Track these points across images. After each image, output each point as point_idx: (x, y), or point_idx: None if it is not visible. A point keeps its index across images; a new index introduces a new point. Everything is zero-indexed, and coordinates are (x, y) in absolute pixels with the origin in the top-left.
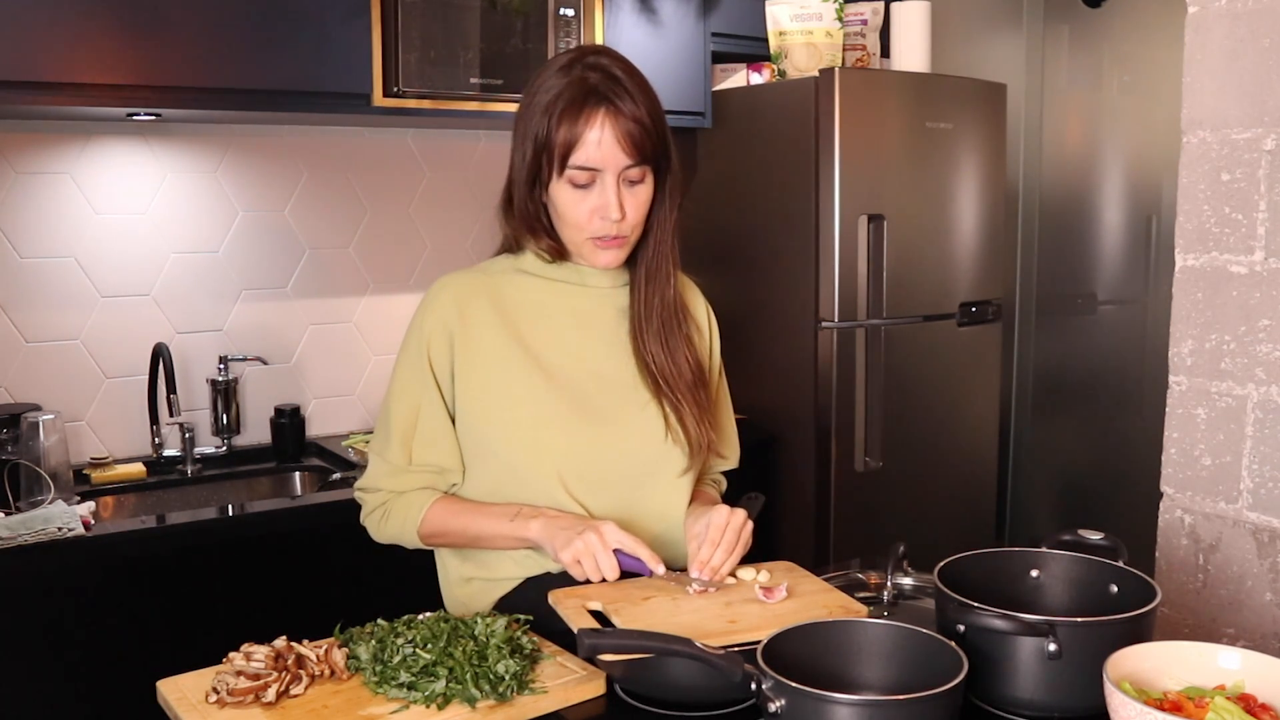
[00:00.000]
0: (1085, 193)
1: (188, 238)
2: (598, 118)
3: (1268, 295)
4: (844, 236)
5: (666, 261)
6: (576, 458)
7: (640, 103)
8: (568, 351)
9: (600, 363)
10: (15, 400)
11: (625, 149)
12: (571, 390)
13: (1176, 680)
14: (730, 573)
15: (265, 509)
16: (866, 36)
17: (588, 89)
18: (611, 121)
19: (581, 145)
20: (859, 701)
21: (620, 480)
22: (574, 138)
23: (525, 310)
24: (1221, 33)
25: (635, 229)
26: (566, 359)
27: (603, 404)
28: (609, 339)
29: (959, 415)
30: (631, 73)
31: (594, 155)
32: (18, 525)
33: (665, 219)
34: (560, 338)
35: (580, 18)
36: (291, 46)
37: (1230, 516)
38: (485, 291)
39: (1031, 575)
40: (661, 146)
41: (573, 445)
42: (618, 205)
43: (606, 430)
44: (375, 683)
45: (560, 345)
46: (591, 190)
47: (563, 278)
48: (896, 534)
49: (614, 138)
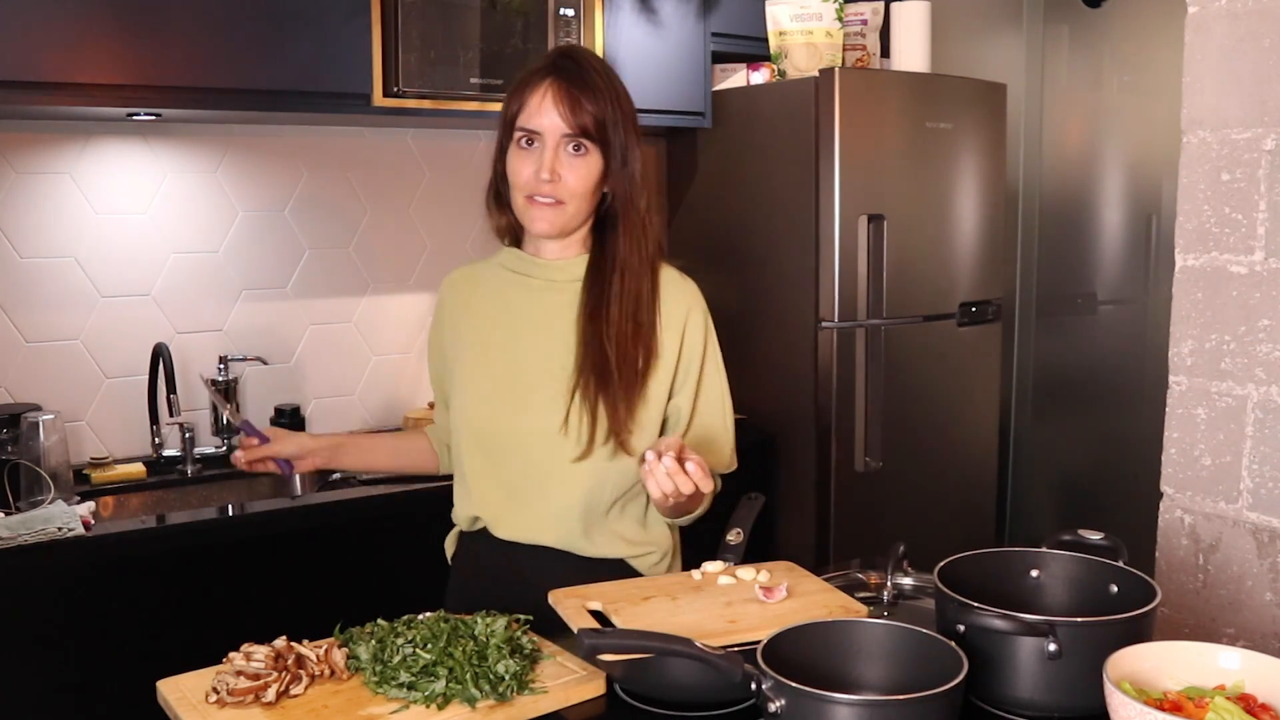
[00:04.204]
0: (1085, 193)
1: (188, 238)
2: (543, 86)
3: (1268, 295)
4: (844, 236)
5: (635, 255)
6: (488, 435)
7: (591, 84)
8: (510, 338)
9: (534, 351)
10: (15, 400)
11: (563, 116)
12: (501, 375)
13: (1176, 680)
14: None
15: (265, 509)
16: (866, 36)
17: (543, 66)
18: (554, 91)
19: (525, 110)
20: (859, 701)
21: (520, 460)
22: (521, 103)
23: (491, 299)
24: (1221, 33)
25: (573, 199)
26: (507, 344)
27: (521, 389)
28: (550, 329)
29: (959, 415)
30: (594, 64)
31: (535, 119)
32: (18, 525)
33: (631, 214)
34: (508, 325)
35: (580, 18)
36: (291, 46)
37: (1230, 516)
38: (470, 283)
39: (1031, 575)
40: (613, 134)
41: (487, 424)
42: (550, 166)
43: (513, 413)
44: (375, 683)
45: (505, 332)
46: (534, 152)
47: (523, 271)
48: (896, 534)
49: (554, 104)
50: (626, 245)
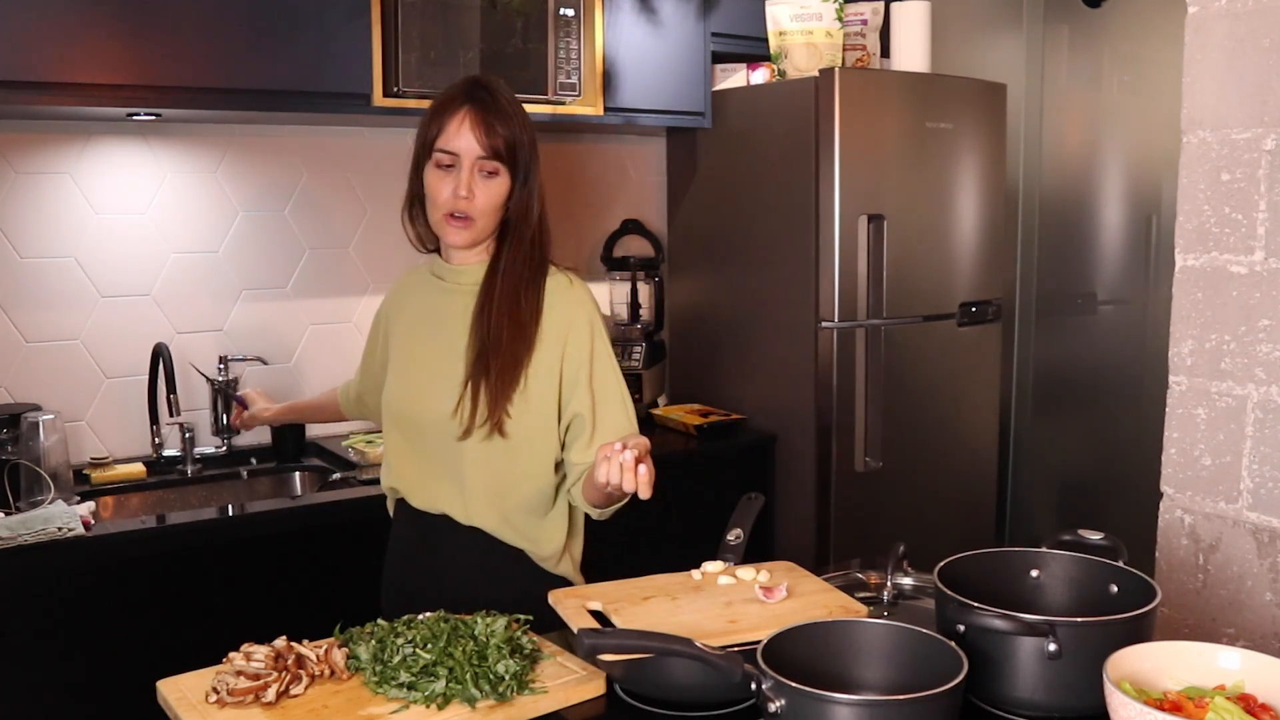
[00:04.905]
0: (1085, 193)
1: (188, 238)
2: (460, 112)
3: (1268, 295)
4: (844, 236)
5: (521, 266)
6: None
7: (503, 111)
8: (420, 334)
9: (436, 345)
10: (15, 400)
11: (480, 141)
12: (414, 364)
13: (1176, 680)
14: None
15: (265, 509)
16: (866, 36)
17: (457, 92)
18: (472, 118)
19: (444, 134)
20: (859, 701)
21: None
22: (440, 127)
23: (412, 300)
24: (1221, 33)
25: (484, 215)
26: (417, 341)
27: (427, 377)
28: (452, 327)
29: (959, 415)
30: (505, 92)
31: (454, 142)
32: (18, 525)
33: (524, 228)
34: (424, 322)
35: (580, 18)
36: (291, 46)
37: (1230, 516)
38: (413, 284)
39: (1031, 575)
40: (520, 156)
41: (402, 406)
42: (467, 185)
43: (421, 398)
44: (375, 683)
45: (417, 329)
46: (451, 173)
47: (441, 275)
48: (896, 534)
49: (470, 129)
50: (514, 253)
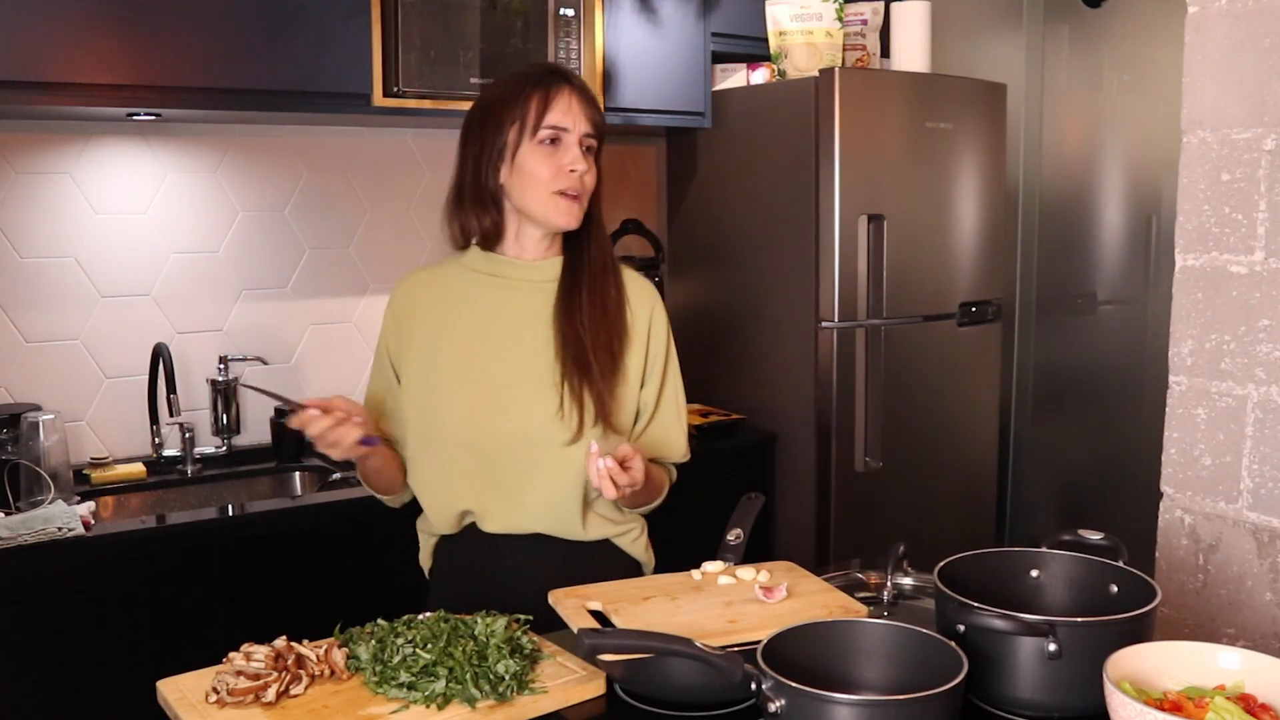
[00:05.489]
0: (1085, 193)
1: (188, 238)
2: (565, 89)
3: (1268, 295)
4: (844, 236)
5: (605, 255)
6: (477, 435)
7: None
8: (490, 339)
9: (517, 349)
10: (15, 400)
11: (589, 117)
12: (483, 373)
13: (1176, 680)
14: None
15: (265, 509)
16: (866, 36)
17: (550, 71)
18: (575, 94)
19: (553, 108)
20: (859, 701)
21: (511, 455)
22: (547, 103)
23: (463, 303)
24: (1221, 33)
25: (586, 195)
26: (488, 346)
27: (507, 385)
28: (530, 328)
29: (959, 415)
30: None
31: (564, 117)
32: (18, 525)
33: (599, 219)
34: (487, 327)
35: (580, 18)
36: (291, 46)
37: (1230, 516)
38: (434, 287)
39: (1031, 575)
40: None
41: (475, 425)
42: (582, 158)
43: (503, 411)
44: (375, 683)
45: (485, 333)
46: (558, 149)
47: (499, 273)
48: (896, 534)
49: (579, 105)
50: (600, 242)
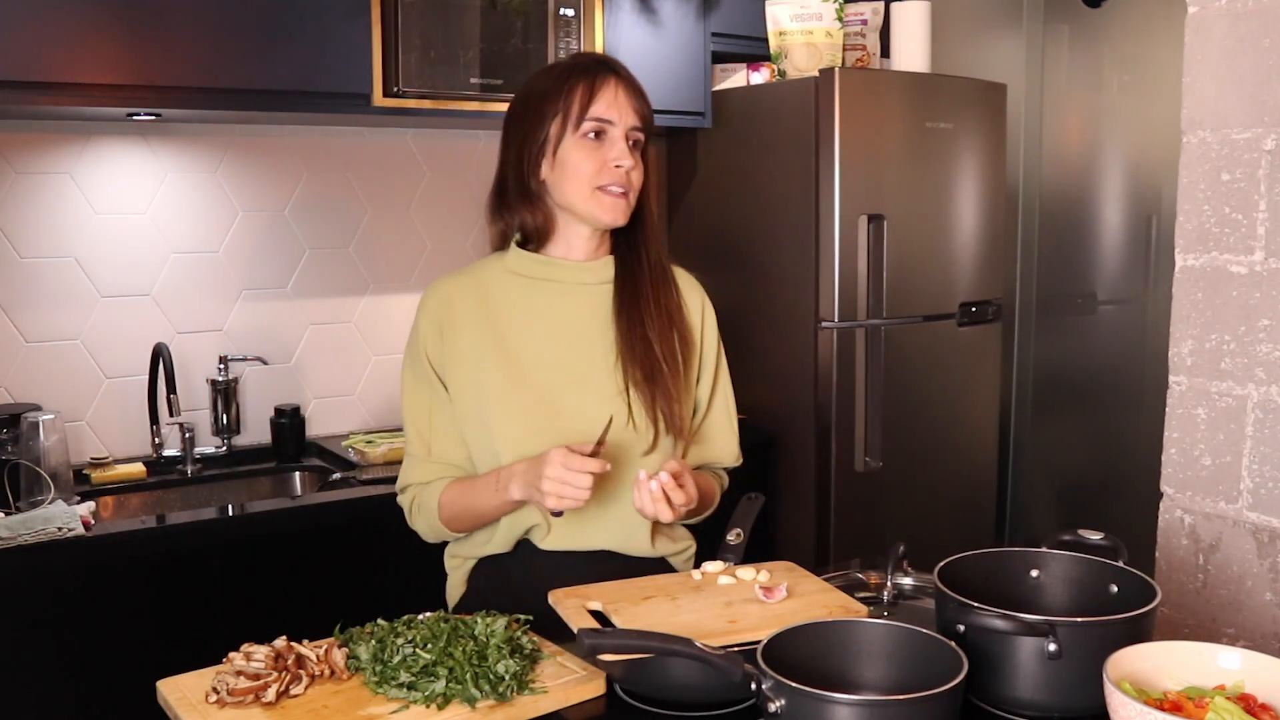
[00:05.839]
0: (1085, 193)
1: (188, 238)
2: (611, 80)
3: (1268, 295)
4: (844, 236)
5: (658, 254)
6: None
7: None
8: (543, 346)
9: (572, 355)
10: (15, 400)
11: (635, 110)
12: (538, 382)
13: (1176, 680)
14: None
15: (265, 509)
16: (866, 36)
17: (596, 62)
18: (622, 85)
19: (598, 100)
20: (859, 701)
21: None
22: (591, 95)
23: (508, 308)
24: (1221, 33)
25: (633, 191)
26: (541, 353)
27: (566, 394)
28: (585, 333)
29: (959, 415)
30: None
31: (609, 110)
32: (18, 525)
33: (650, 217)
34: (537, 333)
35: (580, 18)
36: (291, 46)
37: (1230, 516)
38: (473, 292)
39: (1031, 575)
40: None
41: (532, 434)
42: (628, 153)
43: (565, 419)
44: (375, 683)
45: (537, 340)
46: (603, 143)
47: (545, 275)
48: (896, 534)
49: (625, 97)
50: (653, 242)
